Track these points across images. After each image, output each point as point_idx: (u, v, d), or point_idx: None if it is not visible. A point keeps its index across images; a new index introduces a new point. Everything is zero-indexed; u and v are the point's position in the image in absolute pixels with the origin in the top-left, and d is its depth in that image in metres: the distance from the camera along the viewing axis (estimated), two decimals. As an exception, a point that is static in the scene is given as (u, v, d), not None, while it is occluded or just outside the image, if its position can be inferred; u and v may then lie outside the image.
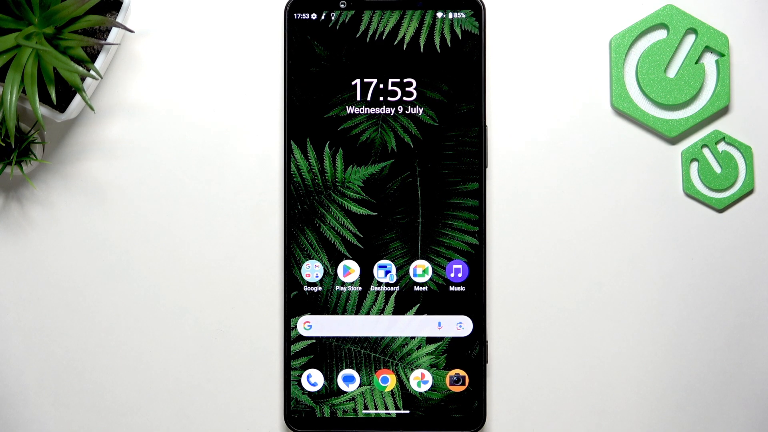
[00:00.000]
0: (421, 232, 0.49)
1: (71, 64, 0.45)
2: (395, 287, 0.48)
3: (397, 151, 0.49)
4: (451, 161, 0.49)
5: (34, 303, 0.53)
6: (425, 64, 0.49)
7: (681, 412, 0.53)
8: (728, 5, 0.54)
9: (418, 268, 0.48)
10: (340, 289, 0.49)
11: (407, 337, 0.49)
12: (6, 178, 0.53)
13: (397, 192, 0.49)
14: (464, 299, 0.49)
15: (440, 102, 0.49)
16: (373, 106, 0.49)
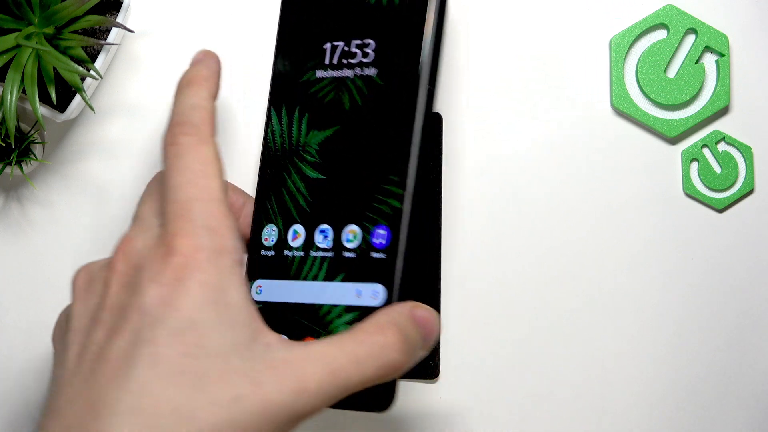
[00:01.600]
0: (357, 197, 0.47)
1: (71, 64, 0.45)
2: (330, 252, 0.47)
3: (350, 114, 0.48)
4: (387, 122, 0.47)
5: (34, 303, 0.53)
6: (383, 25, 0.48)
7: (681, 412, 0.53)
8: (728, 5, 0.54)
9: (349, 233, 0.46)
10: (287, 254, 0.48)
11: (332, 305, 0.47)
12: (6, 178, 0.53)
13: (344, 155, 0.48)
14: (383, 267, 0.45)
15: (390, 63, 0.47)
16: (337, 69, 0.48)
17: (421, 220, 0.53)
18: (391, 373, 0.39)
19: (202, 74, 0.45)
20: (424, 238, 0.53)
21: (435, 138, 0.53)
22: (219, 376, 0.37)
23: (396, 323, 0.40)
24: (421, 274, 0.52)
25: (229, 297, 0.39)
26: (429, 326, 0.41)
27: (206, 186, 0.41)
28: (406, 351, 0.39)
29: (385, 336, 0.39)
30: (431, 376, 0.52)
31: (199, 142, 0.42)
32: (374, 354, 0.39)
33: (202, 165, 0.41)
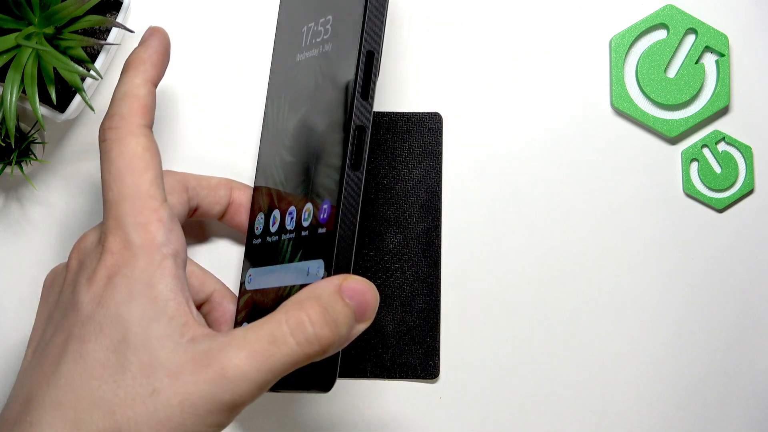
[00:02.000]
0: (315, 175, 0.47)
1: (71, 64, 0.45)
2: (293, 234, 0.46)
3: (314, 93, 0.47)
4: (334, 95, 0.45)
5: (34, 303, 0.52)
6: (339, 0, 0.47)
7: (681, 412, 0.53)
8: (728, 5, 0.54)
9: (305, 212, 0.45)
10: (269, 240, 0.47)
11: (291, 285, 0.45)
12: (6, 178, 0.53)
13: (306, 136, 0.47)
14: (325, 242, 0.43)
15: (339, 36, 0.46)
16: (309, 50, 0.48)
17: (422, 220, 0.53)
18: (318, 350, 0.38)
19: (140, 57, 0.44)
20: (424, 238, 0.53)
21: (435, 138, 0.53)
22: (140, 369, 0.38)
23: (317, 297, 0.39)
24: (421, 275, 0.52)
25: (156, 291, 0.39)
26: (361, 297, 0.40)
27: (132, 182, 0.40)
28: (329, 324, 0.38)
29: (304, 312, 0.38)
30: (431, 376, 0.52)
31: (125, 135, 0.41)
32: (293, 331, 0.38)
33: (127, 160, 0.41)
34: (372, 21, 0.43)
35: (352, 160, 0.42)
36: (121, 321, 0.39)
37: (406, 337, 0.52)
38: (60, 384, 0.38)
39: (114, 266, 0.40)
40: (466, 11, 0.54)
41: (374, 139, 0.53)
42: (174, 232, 0.41)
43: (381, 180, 0.53)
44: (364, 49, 0.43)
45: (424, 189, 0.53)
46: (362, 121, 0.43)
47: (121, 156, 0.41)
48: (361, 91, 0.43)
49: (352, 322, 0.39)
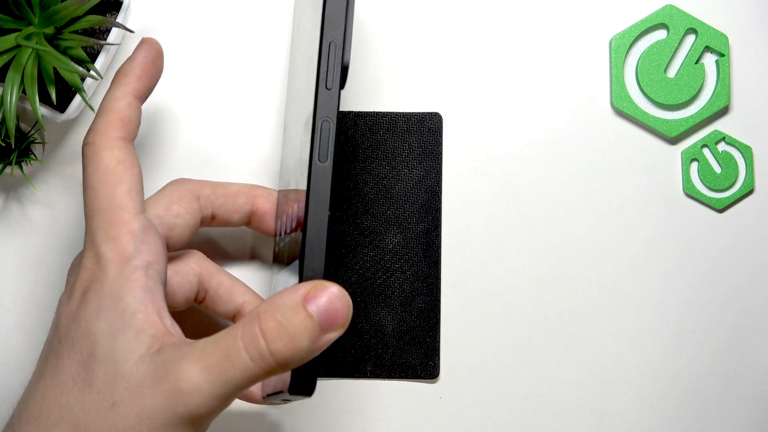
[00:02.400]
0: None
1: (71, 64, 0.45)
2: (290, 235, 0.46)
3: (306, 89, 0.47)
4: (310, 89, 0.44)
5: (34, 303, 0.53)
6: None
7: (681, 412, 0.53)
8: (728, 5, 0.54)
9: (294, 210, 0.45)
10: (281, 244, 0.47)
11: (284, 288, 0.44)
12: (6, 178, 0.53)
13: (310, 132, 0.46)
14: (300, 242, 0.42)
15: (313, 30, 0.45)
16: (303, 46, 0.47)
17: (422, 220, 0.53)
18: (273, 365, 0.37)
19: (123, 70, 0.44)
20: (424, 238, 0.53)
21: (435, 138, 0.53)
22: (104, 383, 0.38)
23: (276, 309, 0.38)
24: (421, 275, 0.52)
25: (124, 304, 0.39)
26: (328, 306, 0.38)
27: (104, 196, 0.41)
28: (283, 339, 0.37)
29: (258, 325, 0.37)
30: (431, 376, 0.52)
31: (100, 149, 0.41)
32: (246, 346, 0.37)
33: (100, 174, 0.41)
34: (331, 9, 0.41)
35: (320, 152, 0.41)
36: (90, 335, 0.39)
37: (406, 337, 0.52)
38: (35, 399, 0.39)
39: (87, 281, 0.40)
40: (466, 11, 0.54)
41: (374, 139, 0.53)
42: (147, 244, 0.41)
43: (381, 180, 0.53)
44: (326, 39, 0.41)
45: (424, 189, 0.53)
46: (327, 112, 0.41)
47: (95, 171, 0.41)
48: (325, 80, 0.41)
49: (316, 334, 0.37)
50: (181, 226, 0.45)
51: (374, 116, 0.53)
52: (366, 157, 0.53)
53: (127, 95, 0.43)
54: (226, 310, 0.47)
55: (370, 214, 0.53)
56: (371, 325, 0.52)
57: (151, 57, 0.44)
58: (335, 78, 0.41)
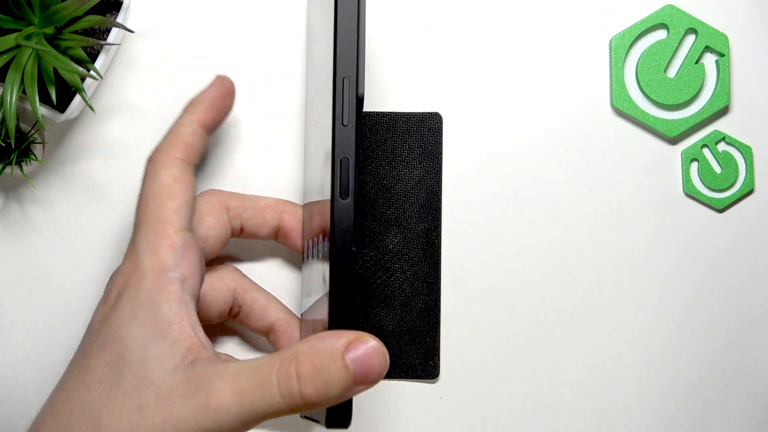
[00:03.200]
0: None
1: (71, 64, 0.45)
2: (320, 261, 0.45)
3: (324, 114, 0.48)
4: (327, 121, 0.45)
5: (34, 303, 0.53)
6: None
7: (681, 412, 0.53)
8: (728, 5, 0.54)
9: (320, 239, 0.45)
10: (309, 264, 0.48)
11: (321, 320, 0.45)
12: (6, 178, 0.53)
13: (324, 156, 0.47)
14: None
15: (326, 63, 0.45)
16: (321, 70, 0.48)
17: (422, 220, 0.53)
18: (301, 406, 0.38)
19: (193, 101, 0.47)
20: (424, 238, 0.53)
21: (435, 138, 0.53)
22: (132, 386, 0.39)
23: (316, 353, 0.38)
24: (421, 275, 0.52)
25: (159, 314, 0.40)
26: (366, 361, 0.38)
27: (153, 209, 0.42)
28: (315, 385, 0.38)
29: (295, 365, 0.38)
30: (431, 376, 0.52)
31: (159, 167, 0.43)
32: (279, 382, 0.38)
33: (155, 189, 0.43)
34: (343, 44, 0.41)
35: (341, 189, 0.41)
36: (121, 339, 0.40)
37: (406, 337, 0.52)
38: (62, 396, 0.40)
39: (122, 287, 0.41)
40: (467, 12, 0.54)
41: (374, 139, 0.53)
42: (186, 259, 0.42)
43: (381, 180, 0.53)
44: (339, 75, 0.41)
45: (424, 189, 0.53)
46: (345, 149, 0.41)
47: (151, 186, 0.43)
48: (341, 117, 0.41)
49: (348, 385, 0.38)
50: (213, 237, 0.47)
51: (374, 116, 0.53)
52: (366, 157, 0.53)
53: (193, 123, 0.45)
54: (260, 326, 0.48)
55: (370, 214, 0.53)
56: (371, 325, 0.52)
57: (221, 92, 0.47)
58: (351, 113, 0.41)
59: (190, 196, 0.44)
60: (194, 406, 0.38)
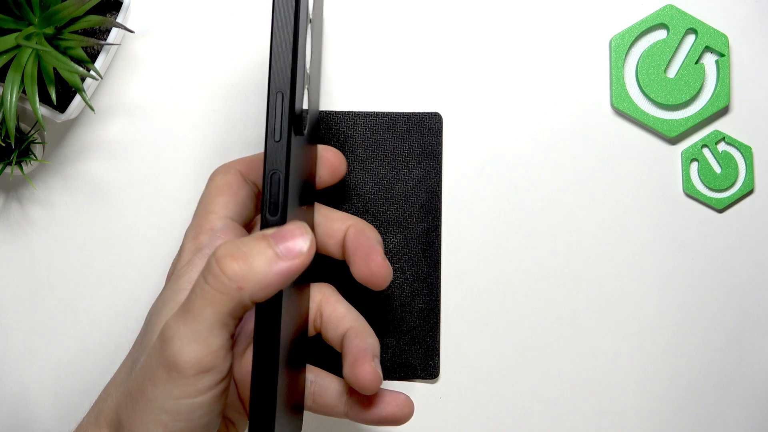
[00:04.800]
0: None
1: (71, 65, 0.45)
2: None
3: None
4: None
5: (34, 303, 0.53)
6: None
7: (681, 412, 0.53)
8: (728, 5, 0.54)
9: None
10: None
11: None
12: (6, 178, 0.53)
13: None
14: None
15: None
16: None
17: (422, 220, 0.53)
18: (229, 285, 0.37)
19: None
20: (424, 238, 0.53)
21: (435, 138, 0.53)
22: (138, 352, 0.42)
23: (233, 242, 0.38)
24: (421, 275, 0.52)
25: (177, 284, 0.43)
26: (284, 235, 0.38)
27: (203, 204, 0.45)
28: (236, 257, 0.37)
29: (215, 254, 0.38)
30: (431, 376, 0.52)
31: (217, 174, 0.46)
32: (204, 273, 0.38)
33: (209, 190, 0.46)
34: (277, 56, 0.40)
35: (270, 207, 0.39)
36: (149, 315, 0.43)
37: (406, 337, 0.52)
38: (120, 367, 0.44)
39: (169, 274, 0.45)
40: (467, 12, 0.54)
41: (374, 139, 0.53)
42: (222, 239, 0.43)
43: (381, 180, 0.53)
44: (273, 89, 0.40)
45: (424, 189, 0.53)
46: (276, 164, 0.40)
47: (207, 188, 0.46)
48: (273, 132, 0.40)
49: (270, 255, 0.37)
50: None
51: (374, 116, 0.53)
52: (366, 157, 0.53)
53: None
54: (335, 335, 0.47)
55: (370, 214, 0.53)
56: (371, 325, 0.52)
57: (330, 152, 0.47)
58: (283, 128, 0.40)
59: (240, 197, 0.45)
60: (157, 349, 0.38)
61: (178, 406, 0.38)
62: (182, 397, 0.38)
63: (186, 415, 0.38)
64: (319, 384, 0.46)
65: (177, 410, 0.38)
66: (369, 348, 0.44)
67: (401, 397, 0.45)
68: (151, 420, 0.38)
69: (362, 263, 0.45)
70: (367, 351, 0.44)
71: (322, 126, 0.53)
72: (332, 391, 0.46)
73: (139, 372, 0.39)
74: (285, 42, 0.40)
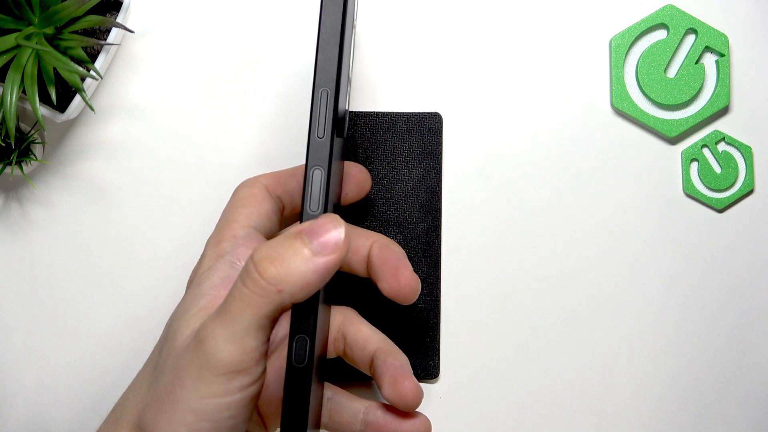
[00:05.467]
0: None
1: (71, 65, 0.45)
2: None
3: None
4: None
5: (34, 303, 0.53)
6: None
7: (681, 412, 0.53)
8: (728, 5, 0.54)
9: None
10: None
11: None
12: (6, 178, 0.53)
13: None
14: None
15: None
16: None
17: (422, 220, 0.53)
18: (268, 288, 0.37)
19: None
20: (424, 238, 0.53)
21: (435, 138, 0.53)
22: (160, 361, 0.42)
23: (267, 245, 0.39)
24: (420, 275, 0.52)
25: (199, 289, 0.43)
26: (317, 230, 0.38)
27: (227, 214, 0.46)
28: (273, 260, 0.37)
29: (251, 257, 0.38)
30: (431, 376, 0.52)
31: (242, 187, 0.47)
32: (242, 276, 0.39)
33: (233, 202, 0.46)
34: (323, 55, 0.40)
35: (311, 201, 0.40)
36: (169, 321, 0.43)
37: (406, 338, 0.52)
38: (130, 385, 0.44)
39: (189, 281, 0.45)
40: (467, 12, 0.54)
41: (374, 139, 0.53)
42: (245, 246, 0.44)
43: (381, 180, 0.53)
44: (318, 87, 0.40)
45: (424, 189, 0.53)
46: (318, 161, 0.40)
47: (231, 200, 0.46)
48: (317, 129, 0.40)
49: (306, 255, 0.37)
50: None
51: (374, 116, 0.53)
52: (366, 157, 0.53)
53: (298, 170, 0.47)
54: (362, 356, 0.47)
55: (370, 214, 0.53)
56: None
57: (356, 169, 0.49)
58: (327, 127, 0.40)
59: (264, 208, 0.46)
60: (191, 349, 0.38)
61: (206, 406, 0.37)
62: (210, 396, 0.37)
63: (212, 415, 0.38)
64: (336, 401, 0.47)
65: (204, 410, 0.37)
66: (404, 365, 0.45)
67: (421, 418, 0.45)
68: (176, 420, 0.38)
69: (391, 278, 0.45)
70: (404, 368, 0.45)
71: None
72: (349, 409, 0.46)
73: (167, 375, 0.39)
74: (333, 38, 0.40)
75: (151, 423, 0.38)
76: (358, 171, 0.48)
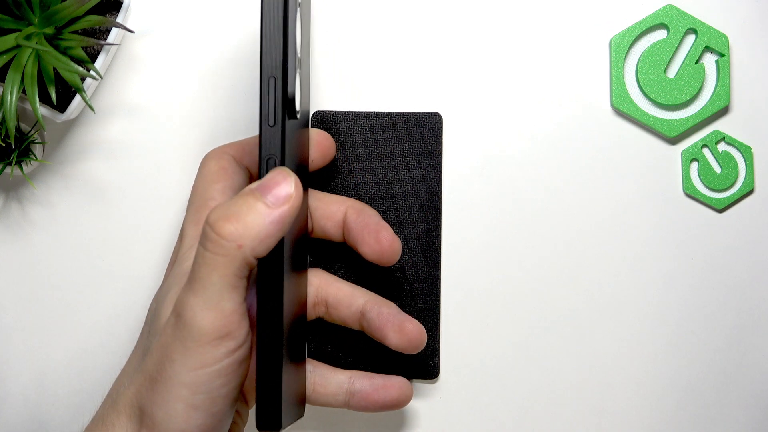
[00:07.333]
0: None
1: (71, 65, 0.45)
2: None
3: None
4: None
5: (34, 303, 0.53)
6: None
7: (681, 412, 0.53)
8: (728, 5, 0.54)
9: None
10: None
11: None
12: (6, 178, 0.53)
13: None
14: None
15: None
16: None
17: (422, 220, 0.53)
18: (227, 245, 0.38)
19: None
20: (424, 238, 0.53)
21: (435, 138, 0.53)
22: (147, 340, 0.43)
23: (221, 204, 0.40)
24: (420, 275, 0.52)
25: (181, 268, 0.44)
26: (267, 184, 0.39)
27: (200, 191, 0.45)
28: (229, 218, 0.38)
29: (206, 218, 0.39)
30: (431, 376, 0.52)
31: (209, 159, 0.46)
32: (201, 239, 0.39)
33: (203, 176, 0.46)
34: (268, 41, 0.40)
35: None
36: (154, 302, 0.44)
37: (406, 337, 0.52)
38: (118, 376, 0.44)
39: (170, 263, 0.45)
40: (467, 11, 0.54)
41: (374, 139, 0.53)
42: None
43: (381, 180, 0.53)
44: (266, 75, 0.41)
45: (424, 189, 0.53)
46: (271, 149, 0.41)
47: (200, 174, 0.46)
48: (267, 117, 0.41)
49: (260, 207, 0.38)
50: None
51: (374, 116, 0.53)
52: (366, 157, 0.53)
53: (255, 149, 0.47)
54: (350, 314, 0.47)
55: (370, 214, 0.53)
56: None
57: (319, 134, 0.48)
58: (278, 113, 0.40)
59: (236, 182, 0.45)
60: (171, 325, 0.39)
61: (197, 377, 0.38)
62: (200, 366, 0.38)
63: (205, 386, 0.38)
64: (319, 374, 0.47)
65: (196, 382, 0.38)
66: (399, 311, 0.46)
67: (400, 381, 0.47)
68: (171, 397, 0.38)
69: (373, 241, 0.46)
70: (401, 313, 0.46)
71: (323, 126, 0.53)
72: (333, 380, 0.47)
73: (155, 354, 0.39)
74: (275, 27, 0.40)
75: (149, 403, 0.39)
76: (323, 138, 0.48)
